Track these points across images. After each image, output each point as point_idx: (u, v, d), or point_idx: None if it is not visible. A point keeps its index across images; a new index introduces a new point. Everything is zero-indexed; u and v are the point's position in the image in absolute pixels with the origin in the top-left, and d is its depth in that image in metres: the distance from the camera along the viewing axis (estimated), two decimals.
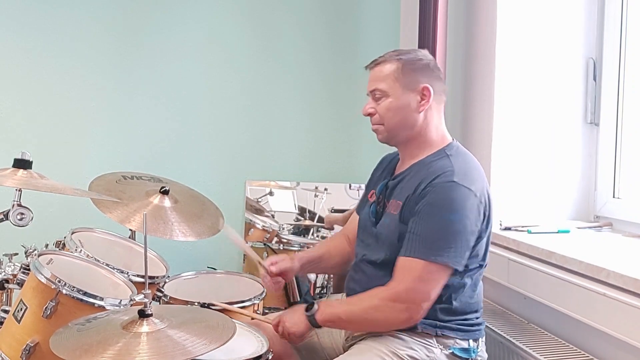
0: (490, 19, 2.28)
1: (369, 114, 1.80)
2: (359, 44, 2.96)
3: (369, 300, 1.69)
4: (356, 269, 1.84)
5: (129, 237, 2.22)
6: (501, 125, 2.26)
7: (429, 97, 1.74)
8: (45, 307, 1.63)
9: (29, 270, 1.73)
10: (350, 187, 2.94)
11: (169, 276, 2.14)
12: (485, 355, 1.78)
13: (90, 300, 1.67)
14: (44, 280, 1.66)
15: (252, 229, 2.89)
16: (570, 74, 2.29)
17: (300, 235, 2.89)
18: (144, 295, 1.45)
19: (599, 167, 2.27)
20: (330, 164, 2.99)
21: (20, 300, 1.70)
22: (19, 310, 1.68)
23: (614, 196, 2.22)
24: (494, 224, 2.19)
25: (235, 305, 1.98)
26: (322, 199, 2.91)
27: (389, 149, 1.95)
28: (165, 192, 2.17)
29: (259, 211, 2.91)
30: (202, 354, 1.35)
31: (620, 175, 2.21)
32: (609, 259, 1.76)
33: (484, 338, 1.79)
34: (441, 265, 1.62)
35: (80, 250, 1.96)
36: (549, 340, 1.91)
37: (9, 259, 1.95)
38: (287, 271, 1.92)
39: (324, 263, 2.02)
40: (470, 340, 1.72)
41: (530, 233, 2.11)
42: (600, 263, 1.71)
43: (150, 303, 1.44)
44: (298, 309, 1.77)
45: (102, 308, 1.67)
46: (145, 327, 1.41)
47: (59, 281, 1.65)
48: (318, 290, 2.82)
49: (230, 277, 2.28)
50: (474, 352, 1.72)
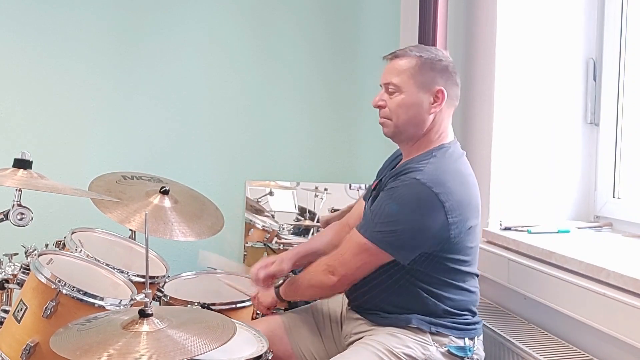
0: (490, 19, 2.28)
1: (379, 106, 1.78)
2: (359, 44, 2.96)
3: (312, 268, 1.81)
4: None
5: (129, 237, 2.22)
6: (501, 125, 2.26)
7: (441, 100, 1.73)
8: (46, 307, 1.63)
9: (29, 270, 1.73)
10: (350, 187, 2.94)
11: (169, 276, 2.15)
12: (483, 354, 1.78)
13: (91, 300, 1.67)
14: (44, 280, 1.66)
15: (252, 229, 2.89)
16: (570, 74, 2.29)
17: (300, 236, 2.89)
18: (144, 295, 1.46)
19: (599, 167, 2.27)
20: (330, 164, 2.99)
21: (20, 300, 1.70)
22: (19, 310, 1.68)
23: (614, 196, 2.22)
24: (494, 223, 2.21)
25: (235, 306, 1.99)
26: (322, 199, 2.91)
27: (389, 147, 1.95)
28: (165, 192, 2.18)
29: (259, 211, 2.91)
30: (202, 354, 1.35)
31: (620, 175, 2.21)
32: (609, 259, 1.75)
33: (481, 337, 1.78)
34: (377, 247, 1.66)
35: (80, 250, 1.96)
36: (549, 340, 1.91)
37: (9, 259, 1.95)
38: (276, 275, 1.93)
39: (319, 255, 2.02)
40: (466, 339, 1.73)
41: (530, 233, 2.11)
42: (600, 263, 1.71)
43: (150, 303, 1.44)
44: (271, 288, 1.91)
45: (102, 308, 1.67)
46: (145, 327, 1.41)
47: (59, 281, 1.65)
48: None
49: (230, 277, 2.28)
50: (469, 351, 1.71)
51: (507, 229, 2.18)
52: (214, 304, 1.97)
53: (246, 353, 1.62)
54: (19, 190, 1.69)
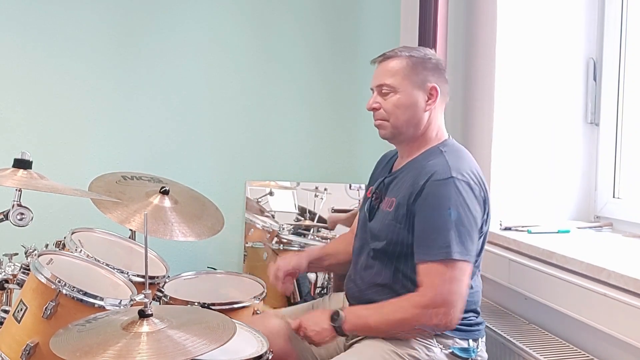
0: (490, 19, 2.28)
1: (374, 108, 1.79)
2: (359, 43, 2.96)
3: (402, 310, 1.66)
4: (353, 263, 1.88)
5: (129, 237, 2.22)
6: (501, 125, 2.26)
7: (436, 97, 1.76)
8: (45, 308, 1.63)
9: (29, 270, 1.73)
10: (350, 187, 2.94)
11: (169, 276, 2.14)
12: (486, 356, 1.78)
13: (91, 300, 1.67)
14: (44, 280, 1.66)
15: (252, 229, 2.89)
16: (570, 74, 2.29)
17: (300, 236, 2.89)
18: (144, 295, 1.45)
19: (599, 167, 2.27)
20: (330, 164, 2.99)
21: (20, 300, 1.70)
22: (19, 311, 1.68)
23: (614, 196, 2.22)
24: (494, 223, 2.21)
25: (235, 306, 1.99)
26: (322, 199, 2.91)
27: (389, 147, 1.95)
28: (165, 193, 2.18)
29: (259, 211, 2.91)
30: (202, 354, 1.35)
31: (620, 175, 2.21)
32: (609, 259, 1.75)
33: (484, 338, 1.79)
34: (460, 261, 1.62)
35: (80, 250, 1.96)
36: (549, 340, 1.91)
37: (9, 259, 1.95)
38: (296, 270, 1.98)
39: (330, 260, 2.05)
40: (470, 340, 1.73)
41: (531, 233, 2.11)
42: (601, 263, 1.71)
43: (150, 303, 1.44)
44: (321, 316, 1.75)
45: (102, 308, 1.67)
46: (145, 328, 1.41)
47: (59, 281, 1.65)
48: (318, 290, 2.82)
49: (230, 277, 2.28)
50: (473, 352, 1.72)
51: (508, 229, 2.18)
52: (214, 304, 1.97)
53: (246, 353, 1.62)
54: (19, 191, 1.69)
